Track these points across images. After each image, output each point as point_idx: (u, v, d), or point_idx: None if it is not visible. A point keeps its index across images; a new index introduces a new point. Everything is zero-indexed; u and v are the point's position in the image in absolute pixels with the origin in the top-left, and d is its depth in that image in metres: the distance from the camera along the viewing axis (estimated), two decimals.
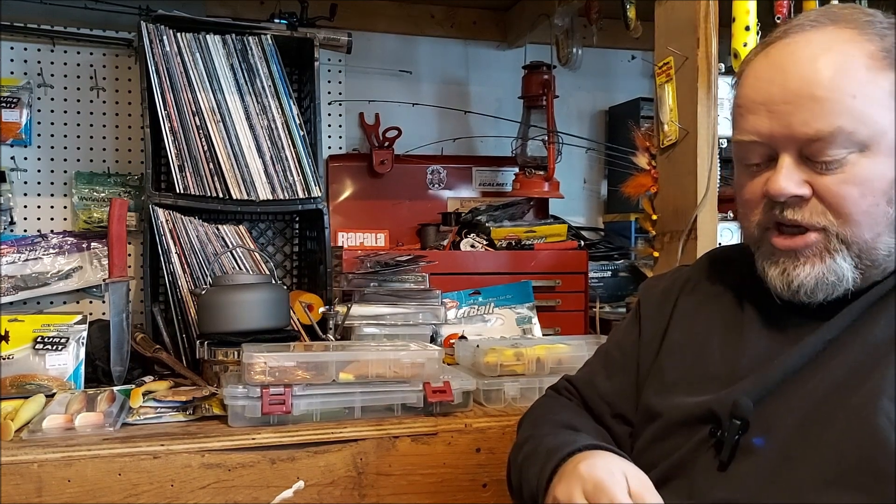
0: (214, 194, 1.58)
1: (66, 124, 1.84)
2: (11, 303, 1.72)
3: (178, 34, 1.60)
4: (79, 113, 1.84)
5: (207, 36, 1.62)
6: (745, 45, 1.32)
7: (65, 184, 1.83)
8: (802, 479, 0.72)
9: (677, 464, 0.81)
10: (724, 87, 1.37)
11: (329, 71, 2.02)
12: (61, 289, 1.77)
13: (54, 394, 1.25)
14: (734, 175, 0.87)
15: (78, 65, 1.84)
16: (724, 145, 1.38)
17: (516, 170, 2.07)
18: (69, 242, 1.79)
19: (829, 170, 0.75)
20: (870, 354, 0.74)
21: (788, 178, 0.77)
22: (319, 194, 1.65)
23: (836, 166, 0.75)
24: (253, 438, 1.11)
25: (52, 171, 1.83)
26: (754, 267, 0.84)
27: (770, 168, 0.79)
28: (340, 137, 2.07)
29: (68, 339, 1.34)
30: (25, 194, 1.81)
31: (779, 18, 1.39)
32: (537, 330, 1.71)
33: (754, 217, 0.82)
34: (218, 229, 1.61)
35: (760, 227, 0.81)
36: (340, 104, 2.06)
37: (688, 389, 0.85)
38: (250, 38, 1.66)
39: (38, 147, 1.82)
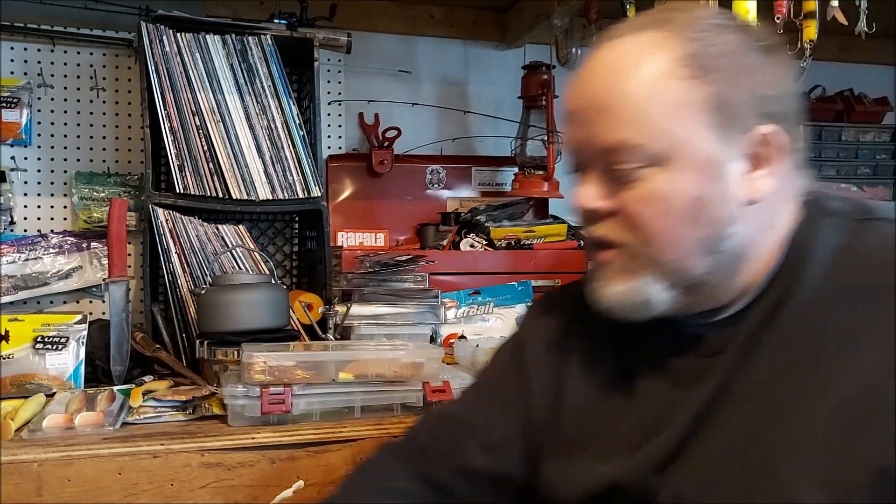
0: (214, 194, 1.58)
1: (66, 124, 1.84)
2: (11, 302, 1.72)
3: (178, 34, 1.60)
4: (79, 113, 1.84)
5: (207, 36, 1.63)
6: None
7: (65, 184, 1.83)
8: None
9: None
10: None
11: (329, 71, 2.02)
12: (61, 288, 1.77)
13: (54, 393, 1.25)
14: None
15: (78, 65, 1.84)
16: None
17: (516, 170, 2.07)
18: (69, 242, 1.79)
19: (628, 184, 0.69)
20: (765, 397, 0.66)
21: (586, 191, 0.72)
22: (319, 194, 1.65)
23: (633, 180, 0.69)
24: (252, 438, 1.11)
25: (52, 171, 1.83)
26: None
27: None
28: (340, 137, 2.07)
29: (68, 338, 1.34)
30: (25, 194, 1.81)
31: (778, 18, 1.39)
32: None
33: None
34: (218, 229, 1.61)
35: (585, 244, 0.77)
36: (340, 104, 2.06)
37: (586, 457, 0.76)
38: (250, 38, 1.66)
39: (39, 147, 1.82)
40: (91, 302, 1.83)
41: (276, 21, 1.72)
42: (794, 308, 0.68)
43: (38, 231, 1.81)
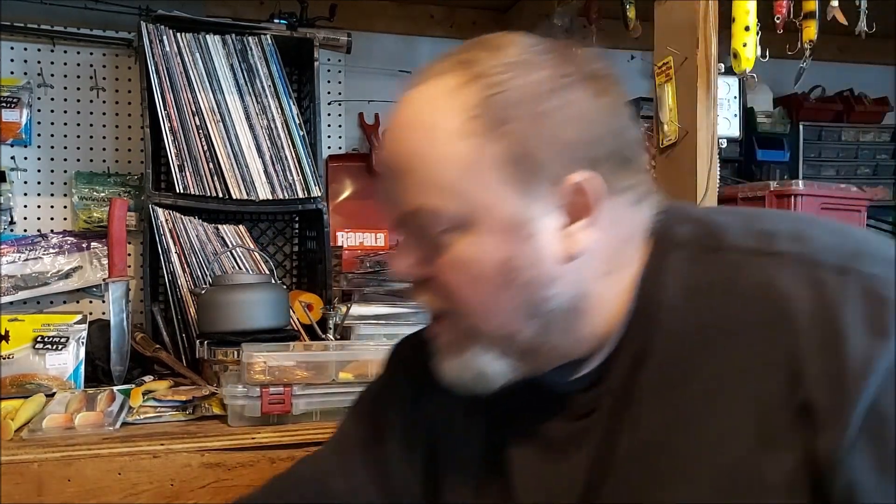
0: (214, 194, 1.58)
1: (65, 124, 1.84)
2: (11, 302, 1.72)
3: (178, 34, 1.60)
4: (79, 113, 1.84)
5: (207, 36, 1.63)
6: (744, 45, 1.32)
7: (65, 184, 1.83)
8: None
9: None
10: (724, 87, 1.37)
11: (329, 71, 2.02)
12: (61, 288, 1.77)
13: (54, 393, 1.25)
14: None
15: (78, 65, 1.84)
16: (724, 145, 1.38)
17: None
18: (69, 242, 1.79)
19: (437, 249, 0.63)
20: (645, 460, 0.61)
21: (398, 258, 0.67)
22: (319, 194, 1.65)
23: (440, 245, 0.63)
24: (252, 438, 1.11)
25: (52, 171, 1.83)
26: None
27: None
28: (340, 137, 2.07)
29: (68, 338, 1.34)
30: (25, 194, 1.81)
31: (778, 18, 1.39)
32: None
33: None
34: (218, 229, 1.61)
35: None
36: (340, 104, 2.06)
37: None
38: (250, 38, 1.66)
39: (38, 147, 1.82)
40: (91, 302, 1.82)
41: (276, 21, 1.72)
42: (655, 360, 0.62)
43: (38, 231, 1.81)
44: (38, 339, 1.33)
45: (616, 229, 0.64)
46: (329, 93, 2.03)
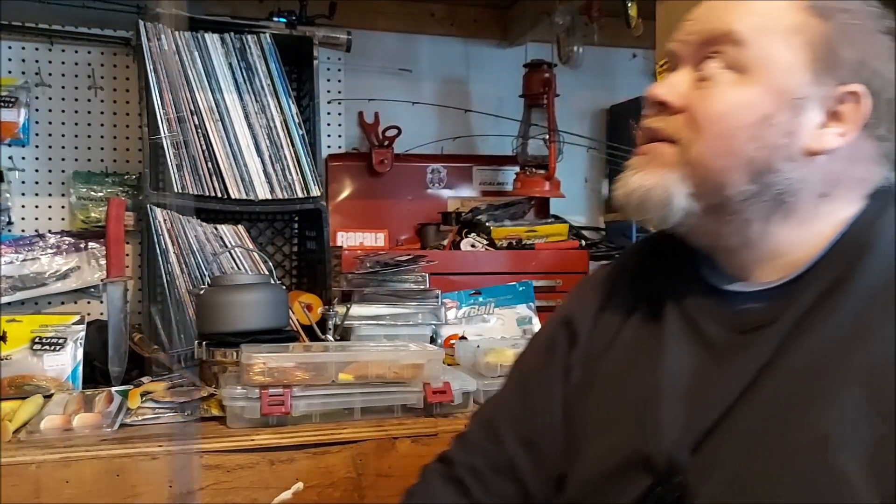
0: (213, 194, 1.57)
1: (63, 124, 1.83)
2: (9, 303, 1.71)
3: (177, 33, 1.59)
4: (77, 112, 1.84)
5: (206, 34, 1.62)
6: None
7: (63, 183, 1.82)
8: None
9: None
10: None
11: (328, 69, 2.01)
12: (59, 289, 1.76)
13: (52, 394, 1.24)
14: None
15: (76, 64, 1.83)
16: None
17: (517, 169, 2.06)
18: (67, 242, 1.78)
19: (704, 81, 0.70)
20: (809, 380, 0.63)
21: (667, 83, 0.72)
22: (318, 194, 1.64)
23: (710, 77, 0.70)
24: (252, 439, 1.10)
25: (50, 171, 1.82)
26: (682, 260, 0.77)
27: None
28: (340, 136, 2.07)
29: (66, 339, 1.33)
30: (23, 194, 1.80)
31: None
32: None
33: None
34: (216, 229, 1.60)
35: (637, 136, 0.75)
36: (340, 103, 2.05)
37: (614, 427, 0.74)
38: (249, 36, 1.66)
39: (36, 146, 1.81)
40: (89, 302, 1.82)
41: (275, 19, 1.72)
42: (848, 300, 0.64)
43: (36, 231, 1.80)
44: (36, 339, 1.32)
45: (852, 164, 0.69)
46: (329, 91, 2.02)
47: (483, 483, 0.82)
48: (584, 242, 2.05)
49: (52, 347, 1.32)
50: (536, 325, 1.71)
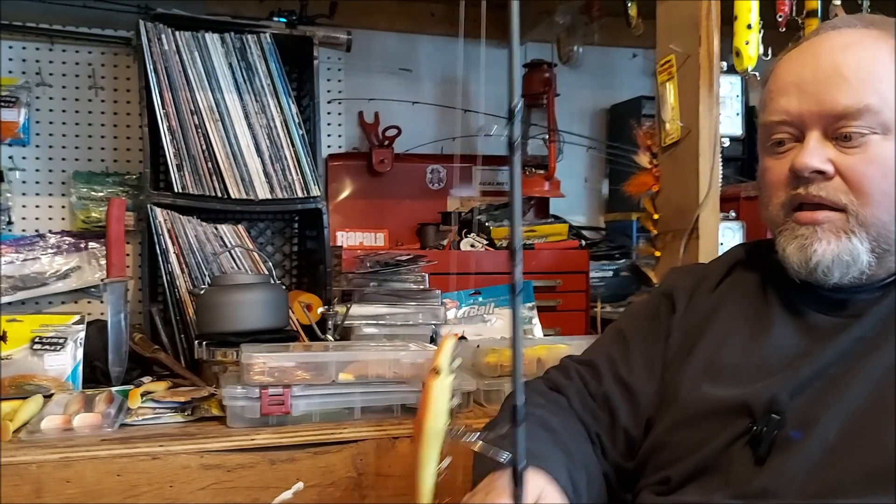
0: (213, 194, 1.57)
1: (64, 123, 1.83)
2: (10, 303, 1.71)
3: (177, 33, 1.59)
4: (77, 112, 1.84)
5: (206, 34, 1.62)
6: (746, 43, 1.31)
7: (63, 183, 1.83)
8: (845, 473, 0.73)
9: (710, 456, 0.81)
10: (726, 85, 1.36)
11: (328, 69, 2.01)
12: (59, 289, 1.77)
13: (52, 394, 1.24)
14: (759, 162, 0.88)
15: (76, 64, 1.83)
16: (727, 144, 1.37)
17: None
18: (67, 242, 1.78)
19: (853, 148, 0.78)
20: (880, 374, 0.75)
21: (813, 154, 0.79)
22: (318, 193, 1.64)
23: (859, 145, 0.78)
24: (252, 439, 1.10)
25: (51, 171, 1.82)
26: (778, 262, 0.85)
27: (796, 149, 0.82)
28: (340, 136, 2.07)
29: (66, 339, 1.33)
30: (24, 194, 1.81)
31: (780, 17, 1.39)
32: (538, 330, 1.70)
33: (778, 199, 0.84)
34: (216, 229, 1.60)
35: (784, 209, 0.83)
36: (340, 103, 2.05)
37: (716, 380, 0.85)
38: (249, 36, 1.65)
39: (37, 146, 1.81)
40: (89, 302, 1.82)
41: (275, 19, 1.72)
42: None
43: (37, 231, 1.80)
44: (37, 339, 1.32)
45: None
46: (329, 91, 2.02)
47: (582, 401, 0.93)
48: (583, 242, 2.05)
49: (53, 347, 1.32)
50: (537, 325, 1.71)
